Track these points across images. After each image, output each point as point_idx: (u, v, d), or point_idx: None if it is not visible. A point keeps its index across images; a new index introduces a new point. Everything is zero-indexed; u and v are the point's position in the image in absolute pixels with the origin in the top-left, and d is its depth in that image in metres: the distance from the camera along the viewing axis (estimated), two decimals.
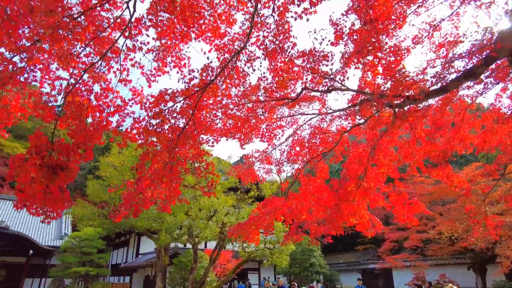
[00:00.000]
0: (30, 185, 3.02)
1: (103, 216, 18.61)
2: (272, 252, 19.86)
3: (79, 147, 3.19)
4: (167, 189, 3.96)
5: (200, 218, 17.08)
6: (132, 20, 3.52)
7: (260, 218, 5.39)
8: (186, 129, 4.10)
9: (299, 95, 5.43)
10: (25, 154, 3.00)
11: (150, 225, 16.25)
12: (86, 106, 3.36)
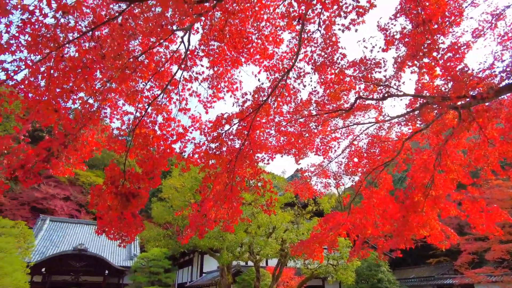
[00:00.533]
0: (107, 212, 3.32)
1: (168, 237, 19.58)
2: (336, 268, 19.08)
3: (148, 175, 3.45)
4: (229, 209, 4.07)
5: (260, 235, 17.11)
6: (187, 53, 3.79)
7: (322, 234, 5.25)
8: (242, 150, 4.21)
9: (353, 105, 5.29)
10: (102, 185, 3.33)
11: (212, 244, 16.67)
12: (152, 136, 3.64)
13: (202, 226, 3.87)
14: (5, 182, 2.77)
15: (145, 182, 3.38)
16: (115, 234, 3.39)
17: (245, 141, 4.23)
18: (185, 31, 3.56)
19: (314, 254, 5.31)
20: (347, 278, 18.94)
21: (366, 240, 5.82)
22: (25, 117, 2.97)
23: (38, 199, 48.90)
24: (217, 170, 4.12)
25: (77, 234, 37.07)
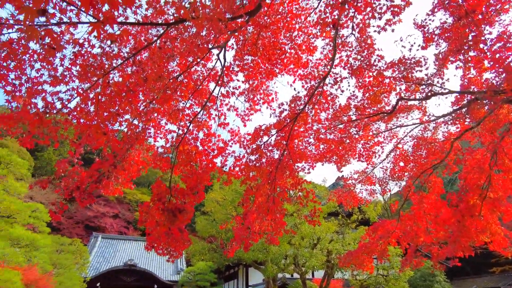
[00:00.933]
0: (155, 228, 3.43)
1: (212, 250, 19.84)
2: (387, 279, 18.12)
3: (192, 190, 3.54)
4: (273, 221, 4.04)
5: (304, 246, 16.78)
6: (223, 69, 3.88)
7: (371, 244, 5.01)
8: (282, 160, 4.19)
9: (395, 107, 5.07)
10: (149, 202, 3.47)
11: (256, 256, 16.61)
12: (194, 152, 3.74)
13: (247, 239, 3.86)
14: (64, 203, 2.96)
15: (190, 197, 3.47)
16: (164, 249, 3.48)
17: (284, 151, 4.21)
18: (220, 49, 3.66)
19: (364, 264, 5.07)
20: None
21: (418, 248, 5.46)
22: (78, 141, 3.20)
23: (90, 217, 52.03)
24: (258, 182, 4.13)
25: (126, 250, 38.75)
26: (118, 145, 3.24)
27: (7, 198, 13.62)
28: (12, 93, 2.79)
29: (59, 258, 24.07)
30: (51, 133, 2.98)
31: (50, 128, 2.98)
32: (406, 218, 4.98)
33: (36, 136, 3.03)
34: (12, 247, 12.50)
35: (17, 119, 2.77)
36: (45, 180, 3.26)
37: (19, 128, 3.01)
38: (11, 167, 14.90)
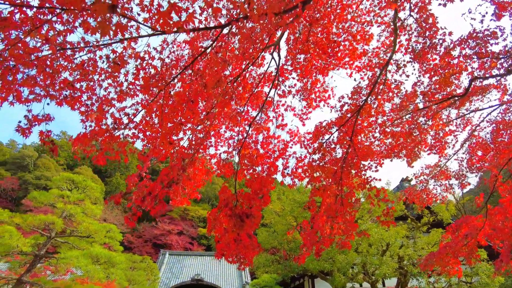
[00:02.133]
0: (224, 235, 3.41)
1: (276, 262, 19.60)
2: (472, 286, 16.26)
3: (257, 194, 3.47)
4: (343, 223, 3.79)
5: (372, 254, 15.80)
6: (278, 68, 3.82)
7: (456, 244, 4.45)
8: (347, 158, 3.95)
9: (468, 89, 4.54)
10: (217, 208, 3.46)
11: (322, 266, 16.02)
12: (256, 156, 3.69)
13: (318, 243, 3.67)
14: (136, 210, 3.04)
15: (255, 201, 3.40)
16: (233, 257, 3.43)
17: (348, 148, 3.97)
18: (274, 47, 3.61)
19: (449, 267, 4.51)
20: None
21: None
22: (145, 154, 3.33)
23: (157, 235, 55.02)
24: (323, 182, 3.93)
25: (193, 265, 40.05)
26: (185, 151, 3.31)
27: (86, 219, 14.90)
28: (85, 114, 3.01)
29: (133, 275, 25.64)
30: (120, 149, 3.15)
31: (119, 143, 3.15)
32: (496, 212, 4.35)
33: (108, 153, 3.22)
34: (93, 264, 13.54)
35: (91, 137, 2.97)
36: (118, 195, 3.42)
37: (92, 146, 3.23)
38: (87, 191, 16.34)
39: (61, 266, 13.21)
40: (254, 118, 3.82)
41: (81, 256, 13.20)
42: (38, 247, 15.01)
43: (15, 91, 2.55)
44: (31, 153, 74.67)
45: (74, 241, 15.60)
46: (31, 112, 2.71)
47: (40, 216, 13.77)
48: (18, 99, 2.64)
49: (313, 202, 3.99)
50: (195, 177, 3.72)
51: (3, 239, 12.10)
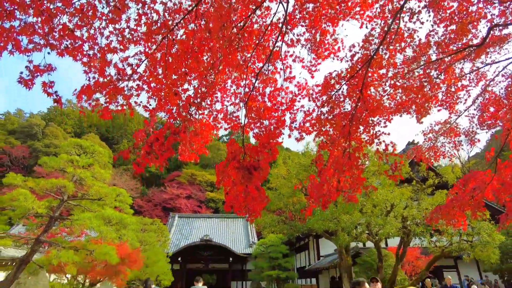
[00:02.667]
0: (232, 188, 3.44)
1: (282, 222, 20.19)
2: (473, 245, 16.68)
3: (264, 147, 3.45)
4: (350, 178, 3.79)
5: (376, 214, 16.13)
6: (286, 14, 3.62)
7: (463, 197, 4.47)
8: (356, 112, 3.87)
9: (485, 38, 4.31)
10: (225, 161, 3.47)
11: (327, 226, 16.46)
12: (263, 109, 3.63)
13: (325, 196, 3.70)
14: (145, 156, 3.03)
15: (263, 154, 3.39)
16: (242, 208, 3.49)
17: (358, 102, 3.87)
18: None
19: (455, 220, 4.57)
20: (489, 256, 16.38)
21: None
22: (150, 107, 3.29)
23: (166, 199, 56.63)
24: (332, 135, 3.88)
25: (201, 227, 41.55)
26: (191, 100, 3.26)
27: (96, 183, 15.25)
28: (88, 64, 2.94)
29: (144, 236, 26.74)
30: (125, 101, 3.11)
31: (124, 96, 3.10)
32: (506, 166, 4.32)
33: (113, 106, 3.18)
34: (105, 225, 14.05)
35: (95, 89, 2.92)
36: (126, 150, 3.42)
37: (97, 100, 3.19)
38: (96, 156, 16.59)
39: (75, 227, 13.72)
40: (260, 69, 3.70)
41: (93, 217, 13.66)
42: (52, 210, 15.56)
43: (13, 40, 2.47)
44: (38, 121, 75.47)
45: (86, 204, 16.09)
46: (32, 63, 2.65)
47: (51, 180, 14.11)
48: (18, 48, 2.56)
49: (320, 156, 3.97)
50: (202, 133, 3.69)
51: (18, 201, 12.50)
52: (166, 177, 63.49)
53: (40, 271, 15.09)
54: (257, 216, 3.58)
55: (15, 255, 15.19)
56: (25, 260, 12.95)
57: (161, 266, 25.12)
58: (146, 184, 62.51)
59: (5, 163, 59.56)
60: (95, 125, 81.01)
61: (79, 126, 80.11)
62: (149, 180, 64.14)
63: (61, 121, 79.35)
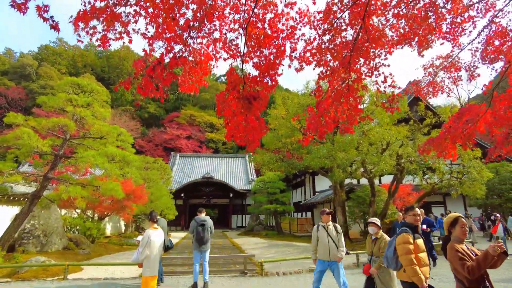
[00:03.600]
0: (232, 118, 3.54)
1: (280, 160, 20.85)
2: (462, 181, 17.50)
3: (264, 76, 3.49)
4: (348, 109, 3.88)
5: (372, 152, 16.61)
6: None
7: (455, 129, 4.62)
8: (357, 42, 3.81)
9: None
10: (225, 91, 3.53)
11: (323, 163, 17.04)
12: (263, 36, 3.57)
13: (321, 127, 3.82)
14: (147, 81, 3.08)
15: (262, 83, 3.44)
16: (242, 138, 3.63)
17: (359, 31, 3.79)
18: None
19: (445, 152, 4.77)
20: (476, 192, 17.30)
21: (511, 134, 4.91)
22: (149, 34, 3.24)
23: (167, 140, 57.52)
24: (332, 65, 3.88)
25: (202, 166, 42.91)
26: (190, 23, 3.20)
27: (97, 122, 15.39)
28: None
29: (147, 174, 27.76)
30: (123, 28, 3.05)
31: (122, 22, 3.04)
32: (501, 99, 4.38)
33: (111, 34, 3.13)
34: (109, 162, 14.51)
35: (91, 15, 2.85)
36: (127, 80, 3.44)
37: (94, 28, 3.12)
38: (94, 95, 16.49)
39: (80, 165, 14.12)
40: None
41: (97, 155, 14.05)
42: (56, 149, 15.93)
43: None
44: (30, 61, 73.20)
45: (88, 143, 16.41)
46: None
47: (53, 119, 14.22)
48: None
49: (319, 88, 4.02)
50: (201, 63, 3.68)
51: (23, 140, 12.75)
52: (165, 118, 63.73)
53: (52, 205, 15.99)
54: (256, 146, 3.73)
55: (26, 191, 15.94)
56: (37, 195, 13.64)
57: (165, 202, 26.53)
58: (145, 125, 62.92)
59: (2, 105, 59.19)
60: (90, 65, 78.81)
61: (73, 66, 77.92)
62: (148, 121, 64.44)
63: (54, 61, 77.00)
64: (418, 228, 4.11)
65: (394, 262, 3.93)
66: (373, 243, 5.49)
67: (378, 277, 5.20)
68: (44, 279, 9.65)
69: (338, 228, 6.37)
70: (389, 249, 4.06)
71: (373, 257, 5.38)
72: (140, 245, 8.83)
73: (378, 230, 5.49)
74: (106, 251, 16.35)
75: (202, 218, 8.90)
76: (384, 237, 5.39)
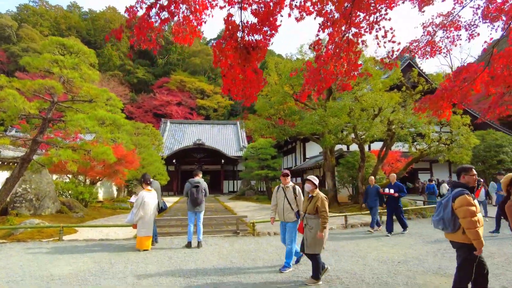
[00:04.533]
0: (229, 70, 3.44)
1: (272, 126, 20.83)
2: (450, 147, 17.89)
3: (263, 25, 3.35)
4: (346, 63, 3.81)
5: (364, 118, 16.70)
6: None
7: (452, 88, 4.61)
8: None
9: None
10: (222, 39, 3.40)
11: (314, 129, 17.10)
12: None
13: (320, 82, 3.76)
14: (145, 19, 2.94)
15: (261, 32, 3.32)
16: (239, 92, 3.55)
17: None
18: None
19: (440, 111, 4.80)
20: (462, 157, 17.71)
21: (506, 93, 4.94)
22: None
23: (156, 106, 56.62)
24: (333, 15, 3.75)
25: (193, 132, 42.73)
26: None
27: (85, 84, 14.93)
28: None
29: (138, 139, 27.56)
30: None
31: None
32: (500, 56, 4.35)
33: None
34: (99, 126, 14.27)
35: None
36: (119, 28, 3.28)
37: None
38: (81, 56, 15.85)
39: (70, 129, 13.84)
40: None
41: (87, 118, 13.75)
42: (44, 113, 15.54)
43: None
44: (9, 22, 69.31)
45: (77, 106, 16.02)
46: None
47: (38, 81, 13.71)
48: None
49: (319, 41, 3.91)
50: (196, 12, 3.50)
51: (8, 102, 12.33)
52: (154, 84, 62.32)
53: (43, 169, 15.87)
54: (253, 100, 3.67)
55: (15, 155, 15.72)
56: (26, 158, 13.46)
57: (157, 167, 26.58)
58: (134, 90, 61.53)
59: None
60: (75, 28, 75.19)
61: (56, 28, 74.25)
62: (137, 87, 62.98)
63: (36, 22, 73.15)
64: (473, 189, 3.87)
65: (452, 224, 3.74)
66: (308, 201, 5.44)
67: (305, 237, 5.29)
68: (40, 240, 9.77)
69: (297, 191, 6.31)
70: (445, 211, 3.82)
71: (307, 214, 5.37)
72: (134, 207, 8.95)
73: (313, 188, 5.42)
74: (99, 214, 16.55)
75: (196, 180, 8.97)
76: (319, 195, 5.34)
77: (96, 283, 5.45)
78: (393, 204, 10.38)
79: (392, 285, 5.16)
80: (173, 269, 6.38)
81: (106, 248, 8.51)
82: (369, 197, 11.06)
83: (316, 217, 5.29)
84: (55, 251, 8.04)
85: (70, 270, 6.30)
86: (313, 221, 5.28)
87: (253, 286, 5.24)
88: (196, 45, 74.32)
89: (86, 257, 7.39)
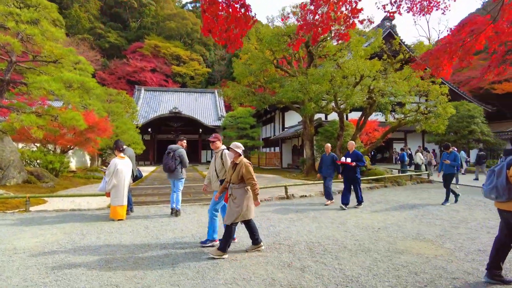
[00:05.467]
0: (210, 6, 2.86)
1: (252, 94, 20.17)
2: (427, 117, 18.07)
3: None
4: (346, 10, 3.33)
5: (345, 85, 16.39)
6: None
7: (455, 43, 4.26)
8: None
9: None
10: None
11: (296, 96, 16.68)
12: None
13: (315, 27, 3.28)
14: None
15: None
16: (222, 33, 2.99)
17: None
18: None
19: (440, 68, 4.47)
20: (438, 127, 17.94)
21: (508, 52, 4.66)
22: None
23: (130, 72, 53.91)
24: None
25: (169, 100, 41.23)
26: None
27: (48, 43, 13.55)
28: None
29: (111, 107, 26.14)
30: None
31: None
32: (507, 11, 3.99)
33: None
34: (66, 90, 13.15)
35: None
36: None
37: None
38: (41, 11, 14.28)
39: (33, 92, 12.61)
40: None
41: (51, 80, 12.57)
42: (1, 73, 14.11)
43: None
44: None
45: (41, 69, 14.64)
46: None
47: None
48: None
49: None
50: None
51: None
52: (127, 49, 58.96)
53: (4, 136, 14.65)
54: (238, 46, 3.14)
55: None
56: None
57: (132, 135, 25.53)
58: (106, 56, 58.00)
59: None
60: None
61: None
62: (109, 52, 59.37)
63: None
64: None
65: (507, 193, 3.56)
66: (233, 169, 5.02)
67: (230, 206, 4.93)
68: (4, 211, 9.04)
69: (223, 156, 5.60)
70: (499, 179, 3.64)
71: (231, 184, 4.97)
72: (106, 174, 8.35)
73: (237, 156, 4.98)
74: (71, 184, 15.71)
75: (172, 146, 8.45)
76: (242, 161, 4.94)
77: (64, 255, 4.98)
78: (350, 174, 9.34)
79: (374, 251, 5.03)
80: (150, 239, 5.99)
81: (78, 219, 7.97)
82: (324, 166, 9.98)
83: (241, 186, 4.87)
84: (20, 223, 7.41)
85: (36, 242, 5.77)
86: (237, 191, 4.86)
87: (236, 254, 4.96)
88: (172, 8, 70.26)
89: (55, 229, 6.84)
